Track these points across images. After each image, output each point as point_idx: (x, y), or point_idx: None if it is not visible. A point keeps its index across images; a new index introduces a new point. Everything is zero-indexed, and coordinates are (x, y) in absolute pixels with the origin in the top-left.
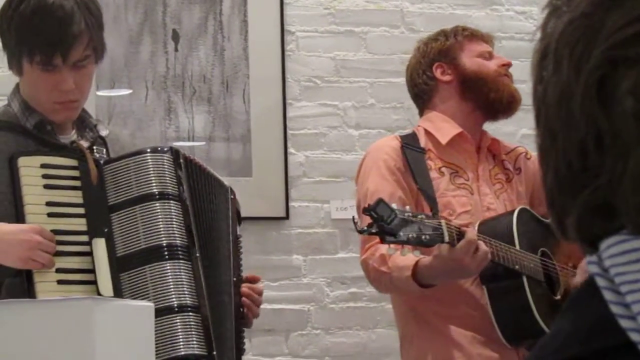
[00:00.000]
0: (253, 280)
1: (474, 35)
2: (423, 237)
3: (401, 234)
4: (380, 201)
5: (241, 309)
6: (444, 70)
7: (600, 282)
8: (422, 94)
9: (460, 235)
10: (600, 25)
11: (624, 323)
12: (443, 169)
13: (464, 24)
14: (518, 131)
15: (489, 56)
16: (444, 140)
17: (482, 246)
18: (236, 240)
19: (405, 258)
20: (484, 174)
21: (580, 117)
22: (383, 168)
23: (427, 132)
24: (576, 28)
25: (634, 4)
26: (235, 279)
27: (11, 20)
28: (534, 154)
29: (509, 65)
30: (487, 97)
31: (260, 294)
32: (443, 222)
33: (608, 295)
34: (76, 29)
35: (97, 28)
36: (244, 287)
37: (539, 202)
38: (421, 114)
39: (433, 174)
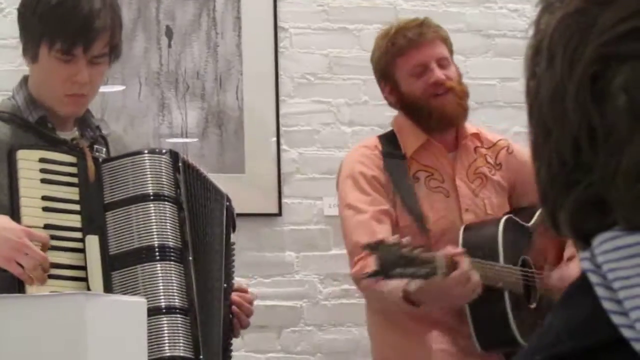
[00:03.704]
0: (241, 290)
1: (405, 47)
2: (421, 272)
3: (400, 270)
4: (380, 242)
5: (230, 317)
6: (390, 90)
7: (593, 278)
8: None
9: (454, 265)
10: (593, 21)
11: (617, 319)
12: (418, 174)
13: (456, 21)
14: (510, 128)
15: (422, 70)
16: (408, 152)
17: (474, 277)
18: (229, 247)
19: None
20: (461, 171)
21: (573, 113)
22: (362, 181)
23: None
24: (569, 24)
25: (627, 0)
26: (225, 285)
27: (36, 5)
28: (515, 146)
29: (437, 84)
30: (429, 118)
31: (251, 303)
32: (438, 255)
33: (600, 292)
34: (101, 24)
35: (119, 27)
36: (235, 296)
37: (522, 194)
38: None
39: (408, 181)
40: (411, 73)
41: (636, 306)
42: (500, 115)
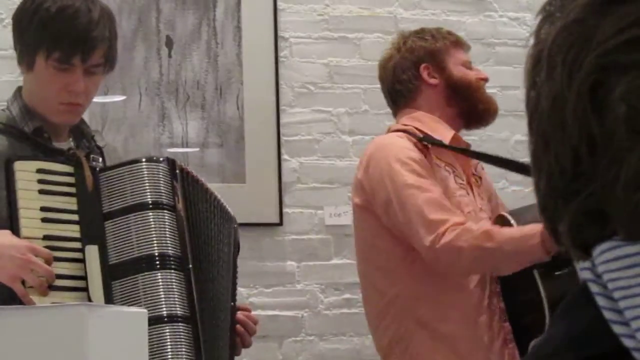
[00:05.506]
0: (244, 309)
1: (458, 43)
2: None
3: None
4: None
5: (234, 335)
6: (430, 72)
7: (594, 288)
8: (406, 92)
9: None
10: (593, 31)
11: (617, 329)
12: (447, 168)
13: (457, 30)
14: (511, 137)
15: (469, 66)
16: (446, 140)
17: None
18: (234, 269)
19: (520, 228)
20: (471, 172)
21: (573, 123)
22: (415, 165)
23: (419, 132)
24: (569, 34)
25: (627, 10)
26: (232, 303)
27: (34, 14)
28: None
29: (486, 80)
30: (475, 107)
31: (256, 323)
32: None
33: (601, 301)
34: (100, 34)
35: (115, 38)
36: (241, 315)
37: (495, 210)
38: (397, 110)
39: (443, 172)
40: (463, 64)
41: (637, 316)
42: (501, 124)
